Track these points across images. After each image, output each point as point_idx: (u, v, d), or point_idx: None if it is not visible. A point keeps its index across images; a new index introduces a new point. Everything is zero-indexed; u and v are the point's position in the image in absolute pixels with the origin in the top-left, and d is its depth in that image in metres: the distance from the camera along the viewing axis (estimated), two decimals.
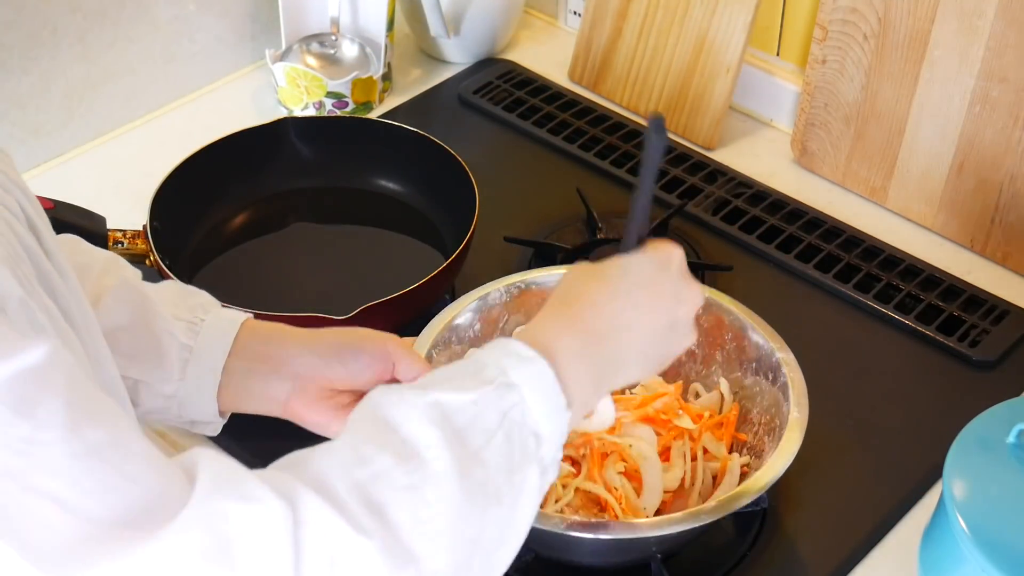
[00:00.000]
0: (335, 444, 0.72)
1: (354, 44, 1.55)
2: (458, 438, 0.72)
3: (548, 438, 0.76)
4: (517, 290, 1.11)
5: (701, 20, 1.46)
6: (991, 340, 1.23)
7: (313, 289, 1.28)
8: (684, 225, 1.37)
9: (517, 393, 0.75)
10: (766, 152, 1.49)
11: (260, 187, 1.37)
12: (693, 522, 0.93)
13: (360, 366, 0.92)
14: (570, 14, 1.68)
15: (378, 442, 0.71)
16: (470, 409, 0.73)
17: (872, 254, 1.33)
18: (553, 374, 0.76)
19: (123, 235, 1.20)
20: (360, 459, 0.70)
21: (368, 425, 0.73)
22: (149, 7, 1.47)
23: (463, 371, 0.77)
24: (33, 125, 1.42)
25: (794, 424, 1.00)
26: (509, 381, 0.75)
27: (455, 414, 0.73)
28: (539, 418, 0.75)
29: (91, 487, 0.61)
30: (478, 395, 0.74)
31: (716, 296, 1.10)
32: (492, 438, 0.73)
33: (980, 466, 0.97)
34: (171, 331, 0.91)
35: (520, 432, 0.74)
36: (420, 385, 0.76)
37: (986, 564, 0.90)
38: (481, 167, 1.31)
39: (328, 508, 0.67)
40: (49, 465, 0.60)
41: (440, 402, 0.73)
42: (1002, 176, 1.29)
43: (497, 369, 0.76)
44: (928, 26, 1.29)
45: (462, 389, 0.74)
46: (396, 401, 0.73)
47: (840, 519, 1.09)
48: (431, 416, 0.72)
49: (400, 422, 0.72)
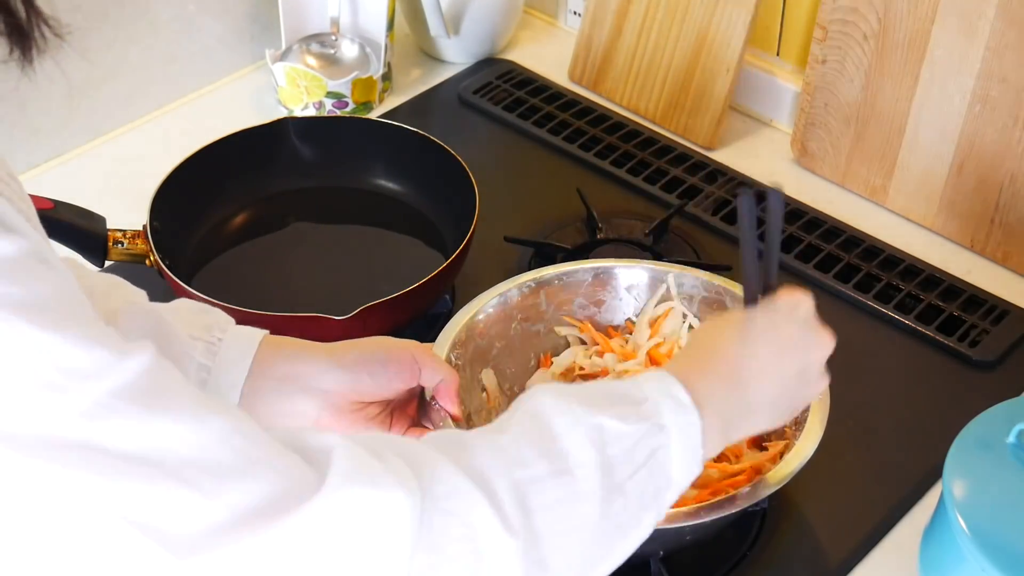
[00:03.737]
0: (500, 439, 0.74)
1: (354, 44, 1.55)
2: (610, 465, 0.75)
3: (677, 486, 0.79)
4: (528, 289, 1.12)
5: (701, 20, 1.46)
6: (991, 340, 1.23)
7: (313, 289, 1.28)
8: (684, 225, 1.37)
9: (667, 436, 0.77)
10: (766, 152, 1.49)
11: (260, 187, 1.37)
12: (731, 507, 0.93)
13: (388, 377, 0.93)
14: (570, 14, 1.68)
15: (539, 447, 0.73)
16: (627, 440, 0.76)
17: (872, 254, 1.33)
18: (700, 427, 0.79)
19: (123, 235, 1.20)
20: (521, 460, 0.72)
21: (533, 427, 0.75)
22: (149, 7, 1.46)
23: (625, 396, 0.79)
24: (33, 125, 1.42)
25: (815, 406, 1.00)
26: (663, 423, 0.77)
27: (613, 442, 0.75)
28: (677, 466, 0.78)
29: (221, 472, 0.63)
30: (636, 428, 0.76)
31: (717, 280, 1.11)
32: (636, 472, 0.76)
33: (980, 466, 0.97)
34: (189, 352, 0.90)
35: (659, 474, 0.77)
36: (586, 400, 0.77)
37: (986, 564, 0.90)
38: (481, 167, 1.31)
39: (486, 502, 0.69)
40: (183, 454, 0.62)
41: (603, 426, 0.75)
42: (1002, 176, 1.29)
43: (655, 407, 0.78)
44: (928, 26, 1.29)
45: (624, 419, 0.76)
46: (564, 411, 0.75)
47: (840, 519, 1.09)
48: (592, 437, 0.75)
49: (562, 433, 0.74)
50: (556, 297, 1.13)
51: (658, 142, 1.49)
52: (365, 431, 0.93)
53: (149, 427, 0.62)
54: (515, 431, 0.75)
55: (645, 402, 0.78)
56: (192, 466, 0.63)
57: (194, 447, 0.63)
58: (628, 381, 0.81)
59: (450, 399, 0.96)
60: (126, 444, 0.61)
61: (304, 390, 0.92)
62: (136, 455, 0.61)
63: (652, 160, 1.46)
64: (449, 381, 0.96)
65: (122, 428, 0.61)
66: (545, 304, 1.13)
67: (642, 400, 0.78)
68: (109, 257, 1.20)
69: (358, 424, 0.93)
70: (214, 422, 0.64)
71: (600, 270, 1.15)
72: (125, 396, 0.61)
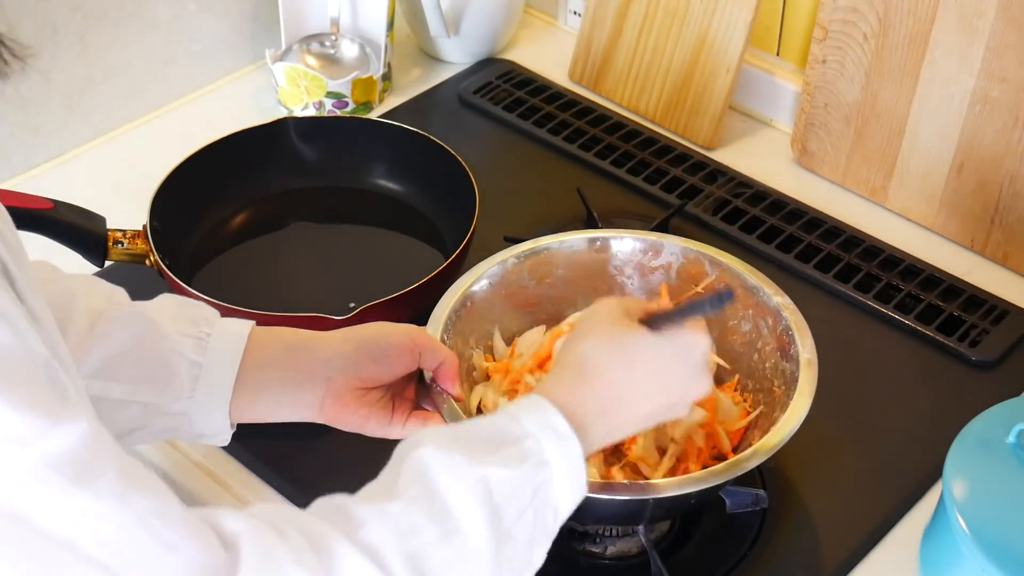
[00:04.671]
0: (388, 507, 0.73)
1: (354, 44, 1.55)
2: (497, 515, 0.75)
3: (563, 515, 0.80)
4: (512, 264, 1.12)
5: (701, 20, 1.46)
6: (991, 340, 1.23)
7: (313, 289, 1.28)
8: (684, 225, 1.37)
9: (550, 471, 0.78)
10: (766, 152, 1.49)
11: (260, 187, 1.37)
12: (714, 479, 0.93)
13: (390, 362, 0.93)
14: (570, 14, 1.68)
15: (427, 510, 0.74)
16: (511, 484, 0.76)
17: (872, 254, 1.33)
18: (581, 454, 0.80)
19: (123, 235, 1.20)
20: (411, 528, 0.72)
21: (419, 488, 0.75)
22: (149, 7, 1.47)
23: (505, 436, 0.79)
24: (33, 125, 1.42)
25: (806, 365, 1.01)
26: (544, 458, 0.78)
27: (497, 490, 0.76)
28: (561, 496, 0.79)
29: (135, 556, 0.63)
30: (519, 472, 0.77)
31: (704, 248, 1.12)
32: (523, 514, 0.77)
33: (980, 466, 0.97)
34: (178, 350, 0.90)
35: (544, 508, 0.78)
36: (468, 448, 0.77)
37: (986, 564, 0.90)
38: (481, 167, 1.31)
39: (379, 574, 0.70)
40: (100, 536, 0.62)
41: (487, 478, 0.75)
42: (1002, 176, 1.29)
43: (535, 443, 0.78)
44: (928, 26, 1.29)
45: (507, 464, 0.77)
46: (447, 465, 0.75)
47: (840, 519, 1.08)
48: (476, 493, 0.75)
49: (446, 490, 0.74)
50: (538, 270, 1.13)
51: (658, 142, 1.49)
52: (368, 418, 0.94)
53: (72, 503, 0.61)
54: (402, 497, 0.74)
55: (526, 439, 0.78)
56: (107, 549, 0.62)
57: (112, 529, 0.62)
58: (506, 415, 0.81)
59: (450, 381, 0.97)
60: (49, 520, 0.61)
61: (307, 380, 0.92)
62: (56, 534, 0.61)
63: (652, 160, 1.46)
64: (449, 363, 0.97)
65: (48, 501, 0.61)
66: (528, 278, 1.13)
67: (523, 437, 0.79)
68: (109, 257, 1.20)
69: (362, 411, 0.93)
70: (137, 503, 0.63)
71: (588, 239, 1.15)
72: (54, 466, 0.61)
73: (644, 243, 1.14)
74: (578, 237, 1.14)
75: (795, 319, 1.05)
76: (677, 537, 1.06)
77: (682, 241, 1.13)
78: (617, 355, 0.85)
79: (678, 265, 1.13)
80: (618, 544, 1.05)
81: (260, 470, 1.12)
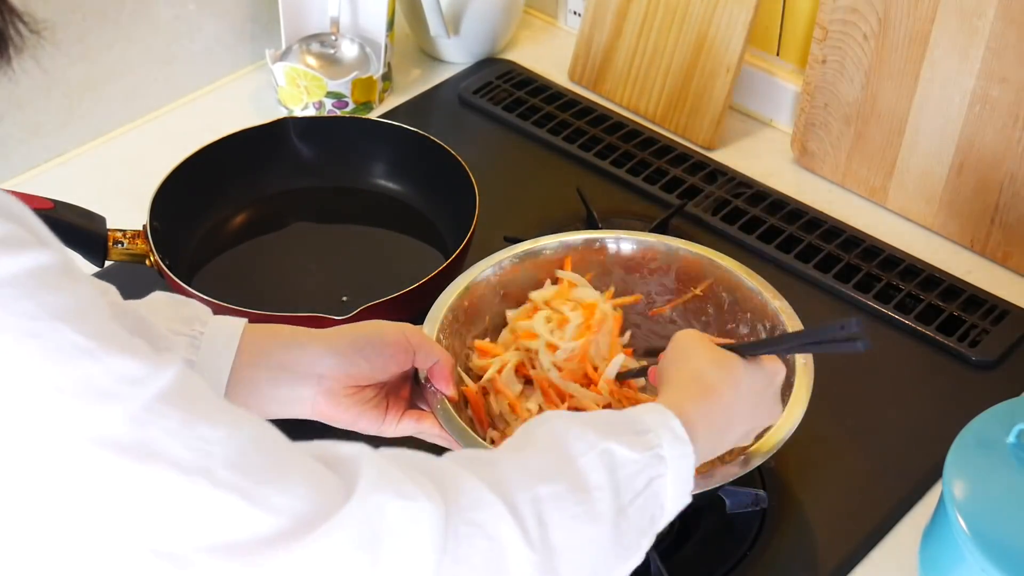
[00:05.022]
0: (523, 455, 0.76)
1: (354, 44, 1.55)
2: (619, 489, 0.77)
3: (667, 517, 0.81)
4: (508, 265, 1.12)
5: (701, 20, 1.46)
6: (991, 340, 1.23)
7: (313, 289, 1.28)
8: (684, 225, 1.37)
9: (665, 467, 0.80)
10: (766, 152, 1.49)
11: (260, 187, 1.37)
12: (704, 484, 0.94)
13: (383, 360, 0.94)
14: (570, 14, 1.68)
15: (558, 466, 0.75)
16: (632, 467, 0.78)
17: (872, 254, 1.33)
18: (693, 463, 0.82)
19: (123, 235, 1.20)
20: (542, 476, 0.74)
21: (551, 447, 0.77)
22: (149, 7, 1.47)
23: (628, 425, 0.81)
24: (33, 125, 1.42)
25: (802, 368, 1.01)
26: (662, 454, 0.80)
27: (621, 466, 0.78)
28: (670, 497, 0.80)
29: (262, 477, 0.64)
30: (640, 456, 0.79)
31: (702, 250, 1.12)
32: (637, 498, 0.78)
33: (980, 466, 0.97)
34: (172, 349, 0.90)
35: (653, 503, 0.79)
36: (595, 426, 0.79)
37: (986, 564, 0.90)
38: (481, 167, 1.31)
39: (508, 515, 0.71)
40: (228, 459, 0.63)
41: (612, 451, 0.77)
42: (1002, 176, 1.29)
43: (656, 438, 0.80)
44: (928, 26, 1.29)
45: (631, 446, 0.79)
46: (578, 435, 0.78)
47: (840, 519, 1.08)
48: (604, 460, 0.77)
49: (578, 455, 0.76)
50: (537, 270, 1.13)
51: (658, 142, 1.49)
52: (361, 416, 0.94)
53: (195, 432, 0.62)
54: (535, 449, 0.77)
55: (647, 433, 0.81)
56: (236, 471, 0.63)
57: (233, 451, 0.63)
58: (629, 411, 0.83)
59: (445, 380, 0.97)
60: (179, 452, 0.61)
61: (300, 377, 0.92)
62: (190, 463, 0.62)
63: (652, 160, 1.46)
64: (443, 362, 0.97)
65: (173, 433, 0.61)
66: (525, 278, 1.13)
67: (644, 431, 0.81)
68: (109, 257, 1.20)
69: (355, 409, 0.93)
70: (247, 427, 0.65)
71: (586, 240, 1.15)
72: (170, 400, 0.62)
73: (642, 244, 1.14)
74: (576, 238, 1.14)
75: (792, 323, 1.05)
76: (677, 537, 1.06)
77: (680, 243, 1.13)
78: (727, 376, 0.89)
79: (676, 267, 1.13)
80: None
81: None
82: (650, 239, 1.14)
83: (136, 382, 0.61)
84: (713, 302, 1.12)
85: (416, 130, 1.35)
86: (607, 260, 1.14)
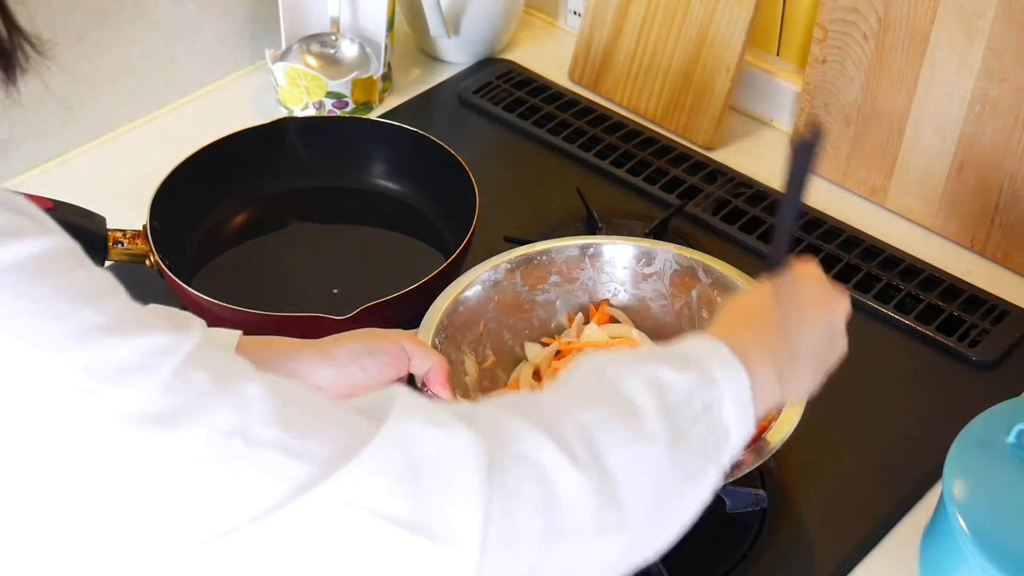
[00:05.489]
0: (562, 389, 0.73)
1: (354, 44, 1.55)
2: (671, 412, 0.73)
3: (734, 443, 0.77)
4: (505, 270, 1.12)
5: (701, 20, 1.46)
6: (991, 340, 1.23)
7: (313, 289, 1.28)
8: (684, 225, 1.37)
9: (719, 391, 0.76)
10: (766, 152, 1.49)
11: (260, 187, 1.37)
12: None
13: (379, 367, 0.93)
14: (570, 14, 1.68)
15: (603, 394, 0.73)
16: (682, 391, 0.74)
17: (872, 254, 1.33)
18: (749, 385, 0.78)
19: (123, 235, 1.20)
20: (585, 402, 0.71)
21: (590, 380, 0.74)
22: (149, 7, 1.47)
23: (672, 354, 0.78)
24: (33, 125, 1.42)
25: None
26: (713, 376, 0.76)
27: (670, 391, 0.74)
28: (731, 422, 0.77)
29: (301, 430, 0.63)
30: (690, 379, 0.75)
31: (697, 255, 1.12)
32: (697, 423, 0.74)
33: (980, 466, 0.97)
34: (191, 322, 0.90)
35: (717, 427, 0.76)
36: (635, 357, 0.77)
37: (986, 564, 0.90)
38: (481, 167, 1.31)
39: (551, 443, 0.68)
40: (264, 415, 0.62)
41: (658, 376, 0.74)
42: (1002, 176, 1.29)
43: (703, 363, 0.77)
44: (928, 26, 1.29)
45: (676, 369, 0.75)
46: (617, 363, 0.75)
47: (840, 519, 1.08)
48: (650, 385, 0.74)
49: (621, 382, 0.73)
50: (531, 276, 1.13)
51: (658, 142, 1.49)
52: None
53: (228, 392, 0.62)
54: (574, 384, 0.74)
55: (691, 358, 0.77)
56: (273, 426, 0.62)
57: (269, 407, 0.63)
58: (672, 345, 0.80)
59: (441, 385, 0.97)
60: (214, 415, 0.61)
61: None
62: (225, 424, 0.61)
63: (652, 160, 1.46)
64: (439, 367, 0.97)
65: (203, 394, 0.61)
66: (520, 284, 1.13)
67: (686, 357, 0.77)
68: (109, 257, 1.20)
69: None
70: (283, 384, 0.65)
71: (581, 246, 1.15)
72: (200, 365, 0.62)
73: (637, 249, 1.14)
74: (571, 243, 1.15)
75: None
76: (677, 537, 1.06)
77: (675, 248, 1.14)
78: (762, 300, 0.85)
79: (671, 272, 1.13)
80: None
81: None
82: (644, 243, 1.14)
83: (164, 351, 0.61)
84: (708, 307, 1.12)
85: (416, 130, 1.35)
86: (602, 265, 1.14)
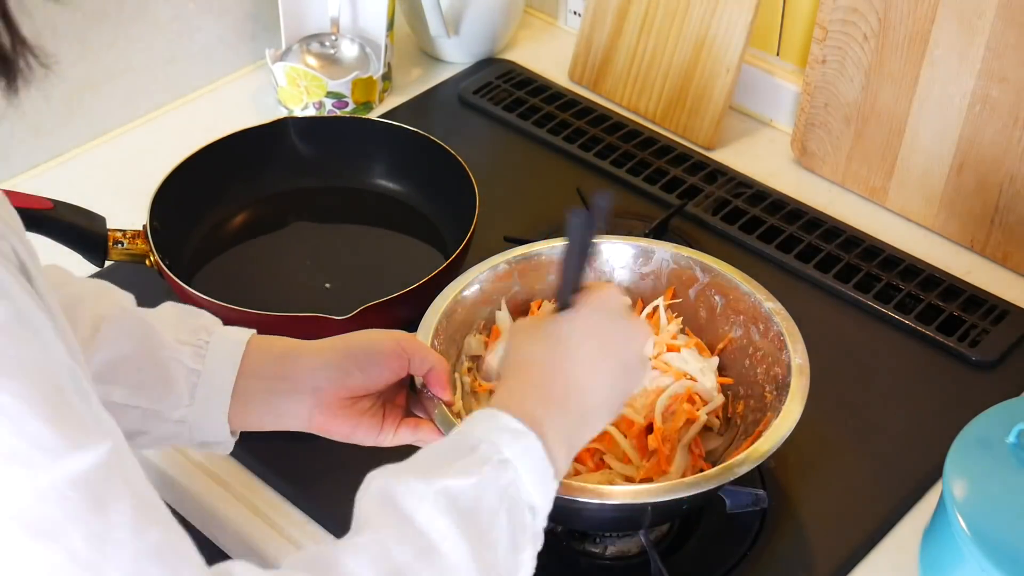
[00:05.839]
0: (359, 542, 0.72)
1: (354, 44, 1.55)
2: (467, 523, 0.74)
3: (541, 509, 0.78)
4: (502, 270, 1.12)
5: (701, 20, 1.46)
6: (991, 340, 1.23)
7: (313, 289, 1.28)
8: (684, 225, 1.37)
9: (512, 469, 0.77)
10: (766, 152, 1.49)
11: (260, 187, 1.37)
12: (705, 484, 0.93)
13: (378, 369, 0.93)
14: (570, 14, 1.68)
15: (397, 535, 0.72)
16: (472, 492, 0.75)
17: (872, 254, 1.33)
18: (541, 445, 0.78)
19: (123, 235, 1.20)
20: (384, 556, 0.71)
21: (384, 516, 0.74)
22: (149, 7, 1.47)
23: (457, 450, 0.78)
24: (33, 125, 1.42)
25: (797, 371, 1.01)
26: (503, 457, 0.77)
27: (460, 498, 0.74)
28: (532, 491, 0.77)
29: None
30: (478, 478, 0.75)
31: (694, 255, 1.12)
32: (496, 518, 0.75)
33: (980, 466, 0.97)
34: (177, 357, 0.90)
35: (518, 508, 0.76)
36: (422, 469, 0.76)
37: (986, 564, 0.90)
38: (481, 167, 1.31)
39: None
40: (119, 563, 0.61)
41: (447, 488, 0.74)
42: (1002, 176, 1.29)
43: (490, 446, 0.77)
44: (928, 26, 1.29)
45: (463, 473, 0.75)
46: (405, 491, 0.74)
47: (840, 519, 1.08)
48: (440, 505, 0.73)
49: (413, 512, 0.73)
50: (529, 276, 1.13)
51: (658, 142, 1.49)
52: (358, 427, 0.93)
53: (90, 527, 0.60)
54: (370, 528, 0.73)
55: (480, 445, 0.77)
56: None
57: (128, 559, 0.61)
58: (456, 431, 0.80)
59: (441, 386, 0.96)
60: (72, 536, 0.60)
61: (295, 389, 0.92)
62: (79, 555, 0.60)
63: (652, 160, 1.46)
64: (439, 368, 0.96)
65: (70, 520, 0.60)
66: (519, 285, 1.13)
67: (476, 445, 0.77)
68: (109, 257, 1.20)
69: (351, 420, 0.93)
70: (152, 534, 0.63)
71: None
72: (74, 486, 0.60)
73: (635, 249, 1.14)
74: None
75: (787, 325, 1.04)
76: (677, 537, 1.06)
77: (673, 247, 1.13)
78: (544, 344, 0.85)
79: (668, 271, 1.13)
80: (618, 544, 1.05)
81: (260, 471, 1.12)
82: (642, 243, 1.14)
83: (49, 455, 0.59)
84: (705, 306, 1.12)
85: (416, 130, 1.35)
86: (600, 264, 1.14)
